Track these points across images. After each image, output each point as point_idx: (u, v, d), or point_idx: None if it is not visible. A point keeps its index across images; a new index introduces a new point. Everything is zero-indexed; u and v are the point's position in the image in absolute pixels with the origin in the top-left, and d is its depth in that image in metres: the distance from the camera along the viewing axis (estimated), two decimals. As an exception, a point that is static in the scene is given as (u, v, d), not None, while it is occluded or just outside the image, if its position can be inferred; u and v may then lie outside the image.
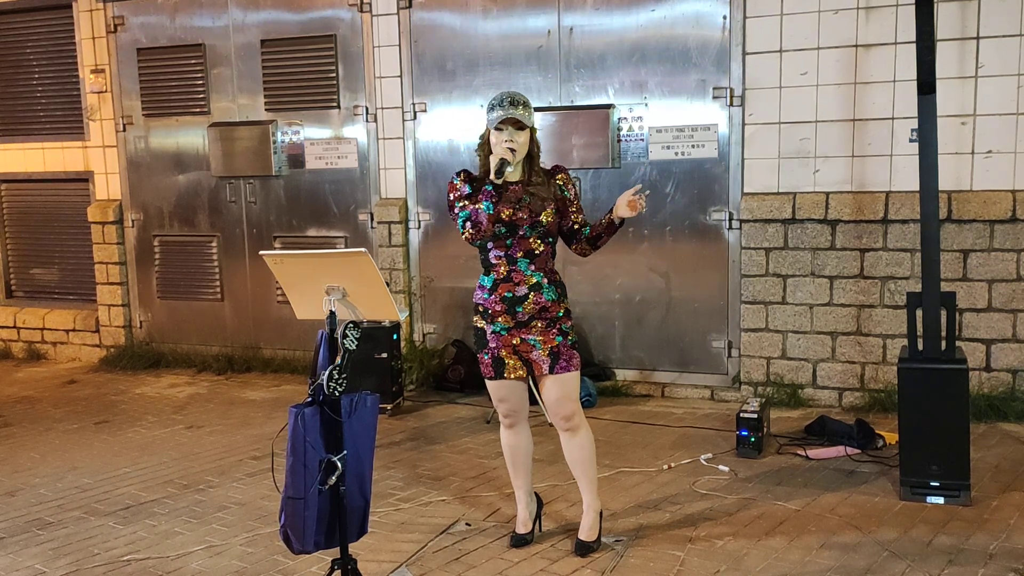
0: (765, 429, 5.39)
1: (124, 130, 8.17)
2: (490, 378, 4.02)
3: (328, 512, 3.35)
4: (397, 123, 7.18)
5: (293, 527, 3.33)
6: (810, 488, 4.75)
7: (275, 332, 7.82)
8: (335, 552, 3.40)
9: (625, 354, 6.79)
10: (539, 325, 3.93)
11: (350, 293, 3.31)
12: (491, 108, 3.86)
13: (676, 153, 6.45)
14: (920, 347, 4.63)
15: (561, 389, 3.97)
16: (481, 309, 3.98)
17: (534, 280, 3.94)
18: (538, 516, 4.28)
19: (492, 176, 3.78)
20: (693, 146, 6.38)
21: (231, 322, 8.02)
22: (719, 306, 6.48)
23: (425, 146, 7.17)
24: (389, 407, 6.31)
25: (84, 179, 8.49)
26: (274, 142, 7.54)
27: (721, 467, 5.09)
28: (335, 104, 7.38)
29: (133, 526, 4.60)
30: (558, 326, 3.97)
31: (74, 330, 8.59)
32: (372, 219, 7.38)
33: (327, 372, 3.25)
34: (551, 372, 3.93)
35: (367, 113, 7.29)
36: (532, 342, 3.93)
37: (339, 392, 3.27)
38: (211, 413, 6.64)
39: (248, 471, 5.34)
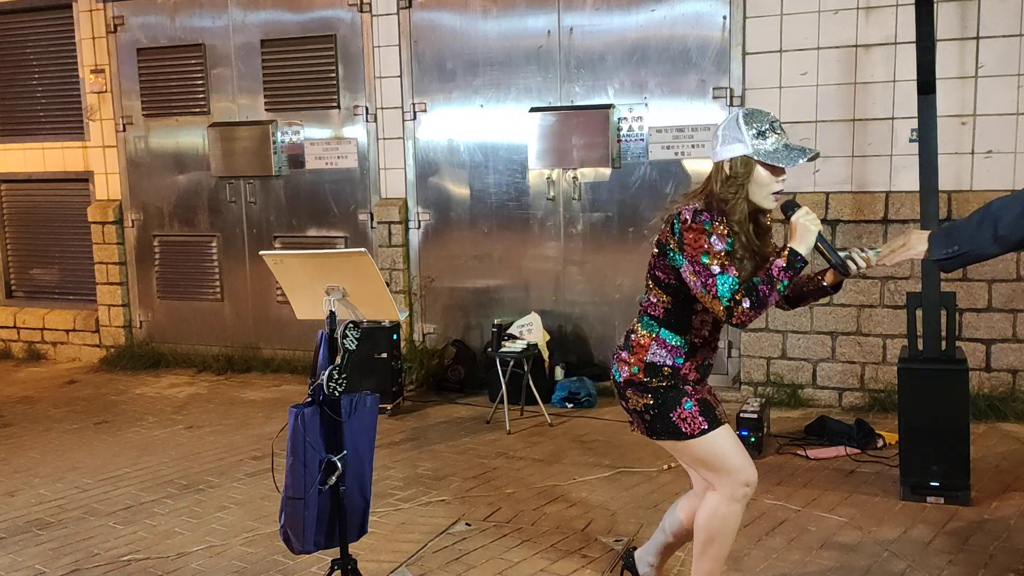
0: (765, 429, 5.39)
1: (124, 130, 8.17)
2: (703, 431, 3.06)
3: (328, 512, 3.35)
4: (397, 123, 7.18)
5: (293, 527, 3.33)
6: (810, 488, 4.75)
7: (275, 332, 7.82)
8: (335, 552, 3.40)
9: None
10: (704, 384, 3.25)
11: (350, 293, 3.31)
12: (762, 133, 2.95)
13: (676, 153, 6.45)
14: (920, 347, 4.63)
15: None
16: (668, 372, 3.10)
17: (718, 341, 3.24)
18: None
19: (804, 250, 2.88)
20: (693, 146, 6.38)
21: (231, 322, 8.02)
22: (719, 306, 6.47)
23: (425, 146, 7.17)
24: (389, 407, 6.31)
25: (84, 179, 8.49)
26: (274, 142, 7.54)
27: (721, 467, 5.08)
28: (335, 104, 7.38)
29: (133, 526, 4.60)
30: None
31: (74, 330, 8.59)
32: (372, 219, 7.38)
33: (327, 372, 3.25)
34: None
35: (367, 113, 7.29)
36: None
37: (339, 392, 3.26)
38: (211, 413, 6.64)
39: (248, 471, 5.34)
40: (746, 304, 2.87)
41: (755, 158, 2.95)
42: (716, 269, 2.89)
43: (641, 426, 3.21)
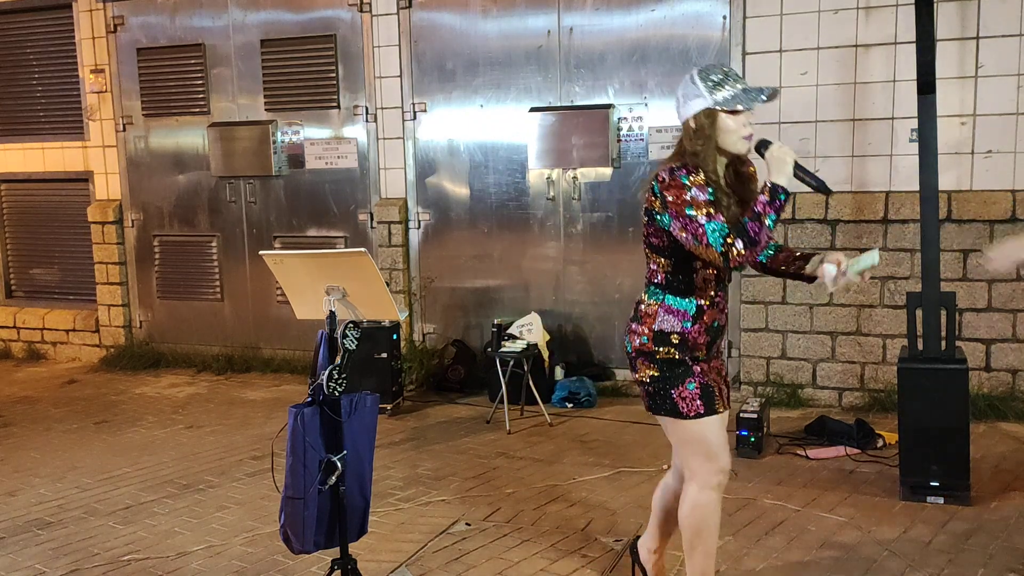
0: (765, 429, 5.39)
1: (124, 130, 8.17)
2: (697, 415, 3.09)
3: (328, 512, 3.35)
4: (397, 123, 7.18)
5: (293, 527, 3.33)
6: (810, 488, 4.75)
7: (275, 332, 7.82)
8: (335, 552, 3.40)
9: (625, 354, 6.77)
10: (716, 356, 3.25)
11: (350, 293, 3.31)
12: (717, 84, 3.04)
13: (676, 153, 6.44)
14: (920, 347, 4.63)
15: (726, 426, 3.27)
16: (677, 340, 3.10)
17: (727, 305, 3.22)
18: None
19: (782, 181, 3.02)
20: (693, 146, 6.37)
21: (231, 322, 8.02)
22: (719, 306, 6.47)
23: (425, 146, 7.17)
24: (389, 407, 6.31)
25: (84, 179, 8.49)
26: (274, 142, 7.54)
27: (721, 467, 5.08)
28: (335, 104, 7.38)
29: (133, 526, 4.60)
30: (722, 354, 3.34)
31: (74, 330, 8.59)
32: (372, 219, 7.38)
33: (327, 372, 3.25)
34: (727, 406, 3.25)
35: (367, 113, 7.29)
36: (716, 371, 3.23)
37: (339, 392, 3.26)
38: (211, 413, 6.64)
39: (248, 471, 5.34)
40: (739, 245, 2.92)
41: (716, 108, 3.03)
42: (703, 219, 2.95)
43: (644, 399, 3.23)
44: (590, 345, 6.83)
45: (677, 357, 3.11)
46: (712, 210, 2.96)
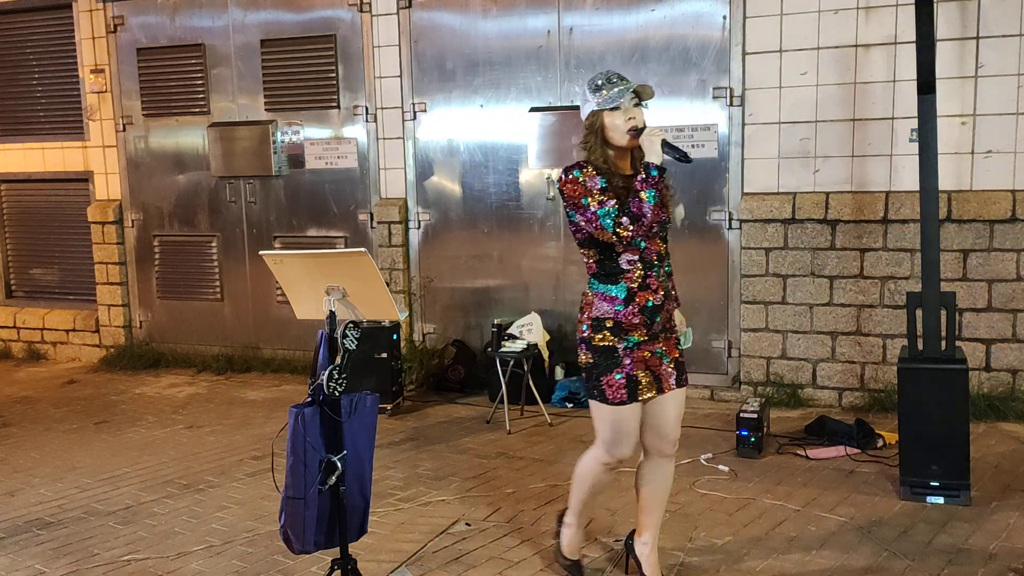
0: (765, 429, 5.39)
1: (124, 130, 8.17)
2: (621, 402, 3.40)
3: (328, 512, 3.35)
4: (397, 123, 7.18)
5: (293, 527, 3.33)
6: (810, 488, 4.75)
7: (275, 332, 7.82)
8: (335, 552, 3.40)
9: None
10: (663, 336, 3.49)
11: (350, 293, 3.31)
12: (597, 88, 3.39)
13: (676, 153, 6.44)
14: (920, 347, 4.64)
15: (681, 405, 3.57)
16: (611, 324, 3.39)
17: (666, 286, 3.48)
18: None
19: (656, 158, 3.27)
20: (693, 146, 6.38)
21: (231, 322, 8.02)
22: (719, 306, 6.48)
23: (425, 146, 7.17)
24: (389, 407, 6.31)
25: (84, 179, 8.49)
26: (274, 142, 7.54)
27: (721, 467, 5.09)
28: (335, 104, 7.38)
29: (133, 526, 4.60)
30: (675, 334, 3.57)
31: (74, 330, 8.59)
32: (372, 219, 7.38)
33: (327, 372, 3.25)
34: (678, 385, 3.52)
35: (367, 113, 7.29)
36: (659, 354, 3.47)
37: (339, 392, 3.26)
38: (211, 413, 6.64)
39: (248, 471, 5.34)
40: (625, 221, 3.28)
41: (598, 108, 3.39)
42: (595, 206, 3.32)
43: (583, 383, 3.54)
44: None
45: (612, 344, 3.40)
46: (603, 197, 3.32)
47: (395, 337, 6.41)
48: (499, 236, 7.01)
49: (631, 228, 3.27)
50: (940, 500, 4.47)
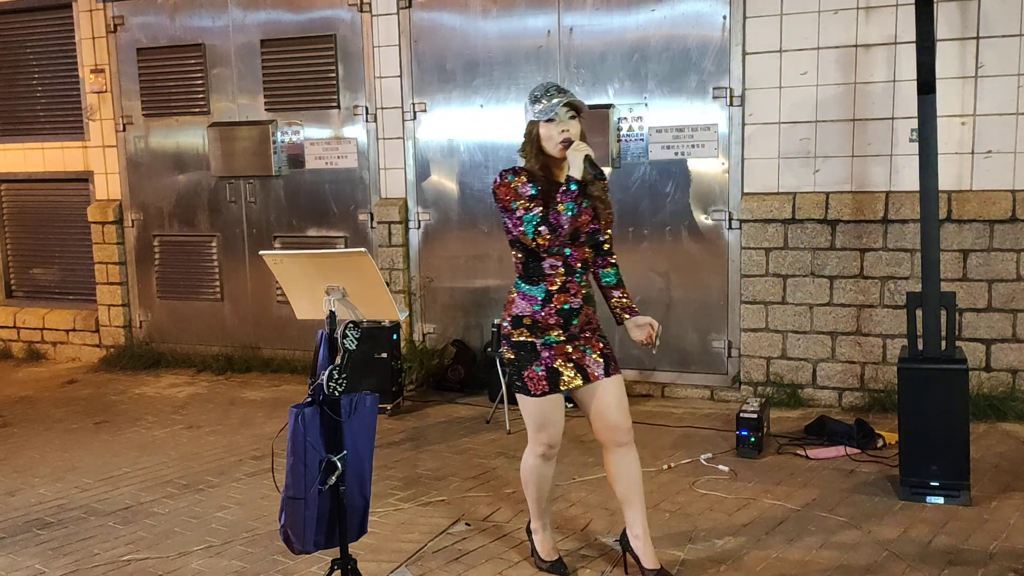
0: (765, 429, 5.39)
1: (124, 130, 8.17)
2: (542, 393, 3.59)
3: (328, 512, 3.35)
4: (397, 123, 7.18)
5: (293, 527, 3.33)
6: (810, 488, 4.75)
7: (275, 332, 7.82)
8: (335, 552, 3.40)
9: (624, 354, 6.77)
10: (584, 335, 3.69)
11: (350, 293, 3.31)
12: (535, 100, 3.56)
13: (676, 153, 6.45)
14: (920, 347, 4.63)
15: (619, 394, 3.69)
16: (529, 322, 3.60)
17: (586, 291, 3.67)
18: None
19: (578, 174, 3.45)
20: (693, 146, 6.38)
21: (231, 322, 8.02)
22: (719, 306, 6.48)
23: (425, 146, 7.17)
24: (389, 407, 6.31)
25: (84, 179, 8.50)
26: (274, 142, 7.54)
27: (721, 467, 5.09)
28: (335, 104, 7.38)
29: (133, 526, 4.60)
30: (599, 333, 3.76)
31: (74, 330, 8.59)
32: (372, 219, 7.38)
33: (327, 372, 3.25)
34: (607, 375, 3.67)
35: (367, 113, 7.29)
36: (583, 348, 3.67)
37: (339, 392, 3.26)
38: (211, 413, 6.64)
39: (248, 471, 5.34)
40: (543, 229, 3.47)
41: (535, 119, 3.56)
42: (521, 211, 3.51)
43: (508, 378, 3.75)
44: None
45: (530, 340, 3.60)
46: (530, 204, 3.50)
47: (395, 337, 6.41)
48: (499, 236, 7.00)
49: (548, 236, 3.47)
50: (940, 500, 4.47)
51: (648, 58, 6.46)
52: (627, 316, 3.80)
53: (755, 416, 5.26)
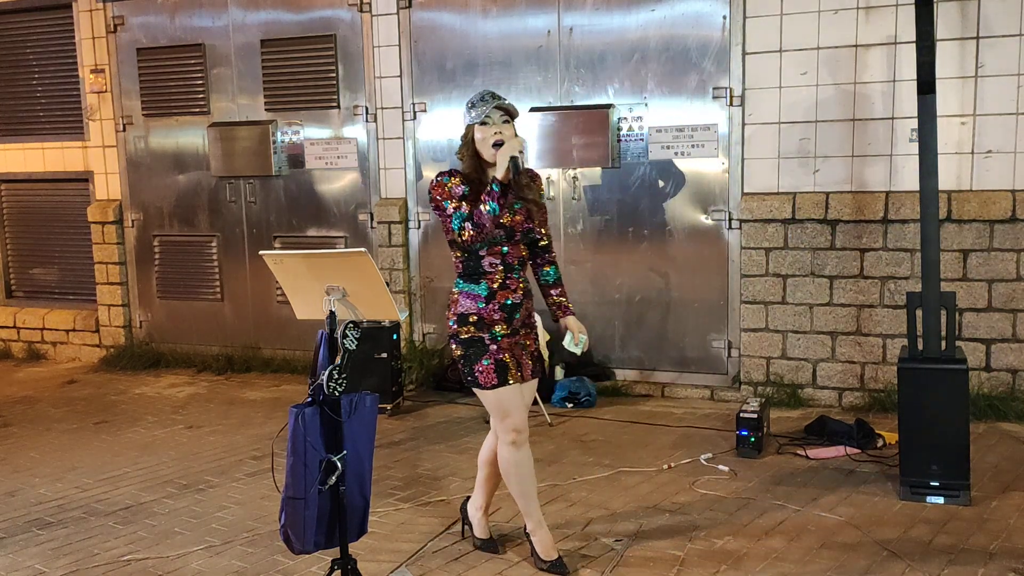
0: (765, 429, 5.39)
1: (124, 130, 8.17)
2: (493, 386, 3.74)
3: (328, 512, 3.35)
4: (397, 123, 7.18)
5: (293, 527, 3.33)
6: (810, 488, 4.75)
7: (275, 332, 7.82)
8: (335, 552, 3.40)
9: (625, 354, 6.79)
10: (523, 331, 3.87)
11: (350, 293, 3.31)
12: (472, 105, 3.80)
13: (676, 153, 6.45)
14: (920, 347, 4.63)
15: (532, 394, 3.98)
16: (474, 319, 3.76)
17: (525, 286, 3.86)
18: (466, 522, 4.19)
19: (502, 176, 3.63)
20: (693, 146, 6.38)
21: (231, 322, 8.02)
22: (719, 306, 6.48)
23: (425, 146, 7.17)
24: (389, 407, 6.31)
25: (84, 179, 8.50)
26: (274, 142, 7.54)
27: (721, 467, 5.09)
28: (335, 104, 7.38)
29: (133, 526, 4.60)
30: (534, 331, 3.96)
31: (74, 330, 8.59)
32: (372, 219, 7.38)
33: (327, 372, 3.25)
34: (532, 376, 3.90)
35: (367, 113, 7.29)
36: (521, 346, 3.87)
37: (339, 392, 3.26)
38: (211, 413, 6.64)
39: (248, 471, 5.34)
40: (468, 226, 3.63)
41: (470, 122, 3.78)
42: (451, 210, 3.68)
43: (461, 375, 3.85)
44: (590, 345, 6.83)
45: (476, 336, 3.74)
46: (460, 203, 3.67)
47: (395, 337, 6.41)
48: (499, 236, 7.00)
49: (472, 233, 3.63)
50: (940, 500, 4.47)
51: (648, 58, 6.46)
52: (561, 314, 4.00)
53: (755, 416, 5.26)
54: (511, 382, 3.76)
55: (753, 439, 5.24)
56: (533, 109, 6.70)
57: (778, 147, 6.15)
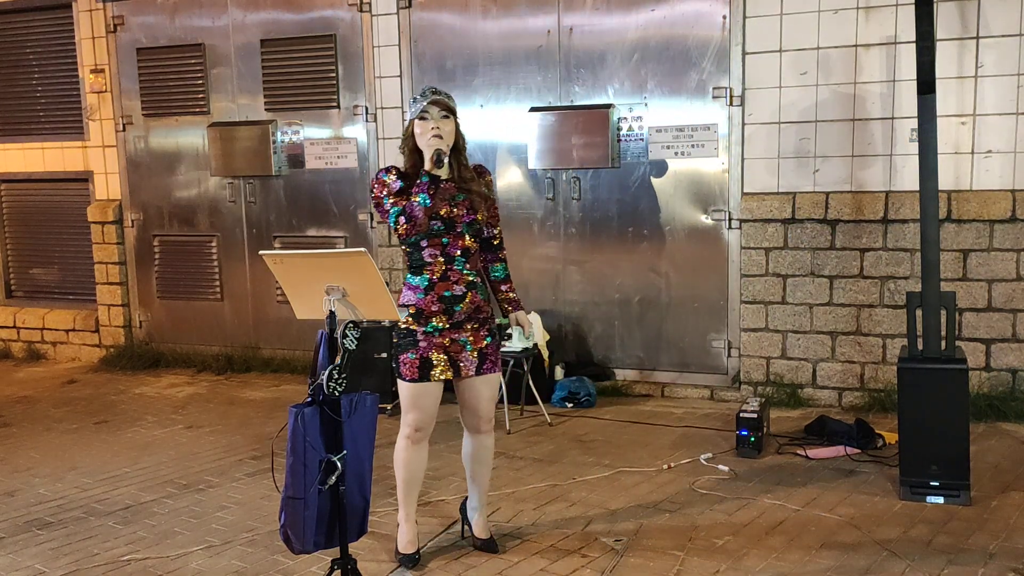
0: (765, 429, 5.39)
1: (124, 130, 8.17)
2: (413, 380, 3.82)
3: (328, 512, 3.35)
4: (397, 123, 7.18)
5: (293, 527, 3.33)
6: (810, 488, 4.75)
7: (275, 332, 7.82)
8: (335, 552, 3.40)
9: (625, 354, 6.79)
10: (471, 326, 3.87)
11: (350, 293, 3.31)
12: (413, 101, 3.85)
13: (676, 153, 6.45)
14: (920, 347, 4.63)
15: (488, 390, 3.97)
16: (413, 311, 3.83)
17: (470, 279, 3.87)
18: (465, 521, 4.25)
19: (428, 167, 3.71)
20: (693, 146, 6.39)
21: (231, 322, 8.02)
22: (719, 306, 6.49)
23: (425, 146, 7.16)
24: (389, 407, 6.30)
25: (84, 179, 8.49)
26: (274, 142, 7.54)
27: (721, 467, 5.09)
28: (335, 104, 7.38)
29: (133, 526, 4.60)
30: (486, 327, 3.93)
31: (74, 330, 8.59)
32: (372, 219, 7.38)
33: (327, 372, 3.25)
34: (478, 373, 3.89)
35: (367, 113, 7.29)
36: (463, 342, 3.86)
37: (339, 392, 3.26)
38: (211, 413, 6.64)
39: (248, 471, 5.34)
40: (402, 220, 3.69)
41: (411, 117, 3.84)
42: (388, 206, 3.77)
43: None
44: (590, 345, 6.83)
45: (412, 328, 3.82)
46: (397, 198, 3.75)
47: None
48: (499, 236, 7.00)
49: (405, 226, 3.69)
50: (940, 500, 4.47)
51: (648, 58, 6.45)
52: (511, 308, 4.11)
53: (755, 416, 5.26)
54: (432, 380, 3.83)
55: (753, 439, 5.24)
56: (533, 109, 6.70)
57: (778, 147, 6.15)
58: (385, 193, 3.80)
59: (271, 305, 7.81)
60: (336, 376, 3.25)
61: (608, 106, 6.51)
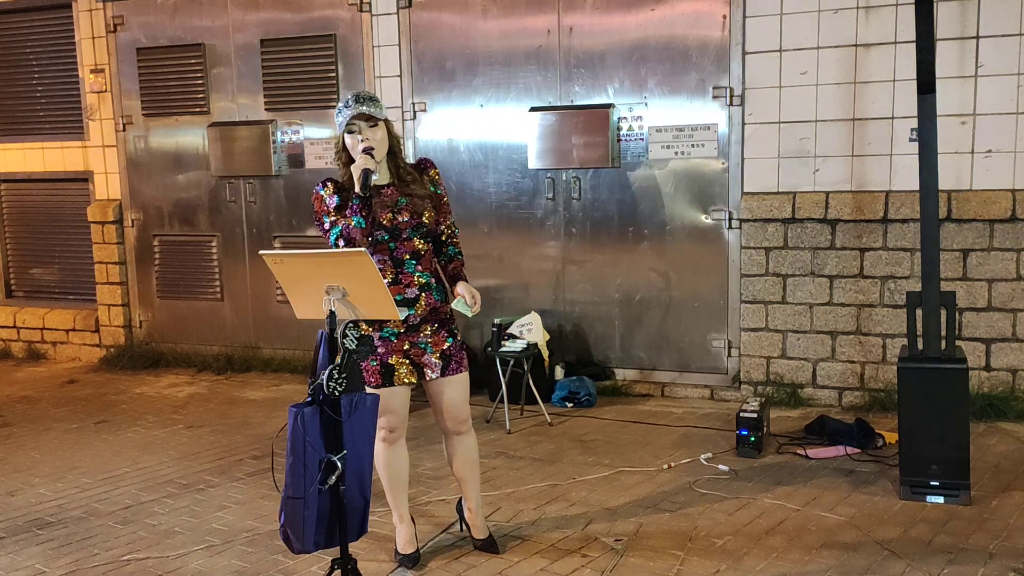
0: (765, 429, 5.39)
1: (124, 130, 8.17)
2: (377, 386, 3.81)
3: (328, 512, 3.35)
4: (397, 123, 7.17)
5: (293, 527, 3.33)
6: (810, 488, 4.75)
7: (275, 332, 7.82)
8: (335, 552, 3.40)
9: (625, 354, 6.79)
10: (429, 328, 3.86)
11: (350, 293, 3.31)
12: (338, 112, 3.73)
13: (676, 153, 6.45)
14: (920, 347, 4.63)
15: (456, 391, 3.95)
16: None
17: (423, 281, 3.84)
18: (461, 520, 4.27)
19: (358, 189, 3.61)
20: (693, 146, 6.39)
21: (231, 322, 8.02)
22: (719, 306, 6.48)
23: (425, 146, 7.17)
24: (389, 407, 6.30)
25: (84, 179, 8.49)
26: (274, 142, 7.54)
27: (721, 467, 5.09)
28: (335, 104, 7.35)
29: (133, 526, 4.60)
30: (447, 328, 3.92)
31: (74, 330, 8.59)
32: (372, 219, 7.37)
33: (327, 372, 3.26)
34: (443, 375, 3.89)
35: (367, 113, 7.28)
36: (423, 346, 3.86)
37: (339, 392, 3.26)
38: (211, 413, 6.64)
39: (248, 471, 5.34)
40: (341, 243, 3.63)
41: (338, 131, 3.75)
42: (327, 225, 3.72)
43: None
44: (590, 345, 6.83)
45: (369, 334, 3.79)
46: (336, 217, 3.70)
47: (395, 337, 6.40)
48: (499, 236, 7.01)
49: (342, 246, 3.63)
50: (940, 500, 4.47)
51: (648, 58, 6.45)
52: (453, 283, 4.00)
53: (755, 416, 5.26)
54: (396, 384, 3.83)
55: (753, 439, 5.24)
56: (533, 109, 6.70)
57: (778, 147, 6.15)
58: (323, 212, 3.74)
59: (271, 305, 7.81)
60: (336, 376, 3.25)
61: (608, 106, 6.51)
